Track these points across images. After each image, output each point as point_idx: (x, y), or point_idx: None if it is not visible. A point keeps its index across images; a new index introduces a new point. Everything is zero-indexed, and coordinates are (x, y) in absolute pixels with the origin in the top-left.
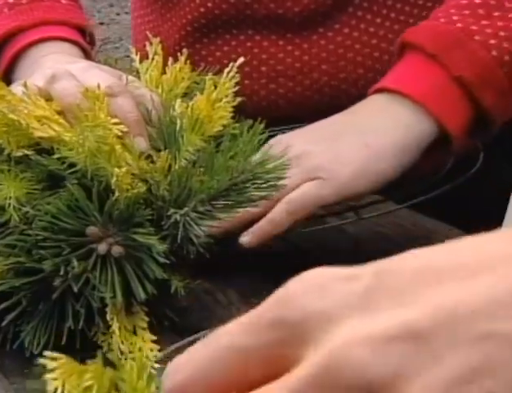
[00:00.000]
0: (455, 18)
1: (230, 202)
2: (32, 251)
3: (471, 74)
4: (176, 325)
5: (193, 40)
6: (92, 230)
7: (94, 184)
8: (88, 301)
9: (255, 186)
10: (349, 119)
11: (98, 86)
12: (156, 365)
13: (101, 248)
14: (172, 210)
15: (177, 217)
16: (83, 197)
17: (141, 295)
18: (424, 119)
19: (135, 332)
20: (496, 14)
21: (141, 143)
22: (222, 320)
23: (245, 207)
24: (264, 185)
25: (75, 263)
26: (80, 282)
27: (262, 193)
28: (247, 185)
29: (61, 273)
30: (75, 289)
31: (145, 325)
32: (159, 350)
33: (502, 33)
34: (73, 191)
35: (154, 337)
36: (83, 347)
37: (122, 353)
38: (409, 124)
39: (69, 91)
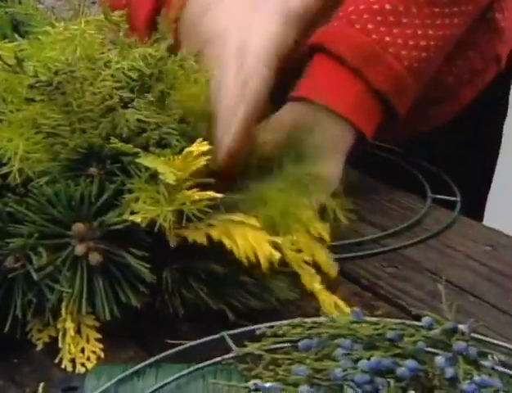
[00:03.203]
0: (369, 27)
1: None
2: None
3: (388, 86)
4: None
5: None
6: (78, 227)
7: (107, 187)
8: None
9: None
10: None
11: None
12: None
13: (79, 249)
14: None
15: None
16: (90, 194)
17: (106, 316)
18: (348, 131)
19: (79, 331)
20: (405, 21)
21: None
22: None
23: None
24: None
25: (43, 252)
26: (42, 273)
27: None
28: None
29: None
30: (35, 277)
31: (91, 323)
32: (103, 350)
33: (411, 42)
34: (86, 184)
35: (99, 336)
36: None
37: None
38: (335, 136)
39: None
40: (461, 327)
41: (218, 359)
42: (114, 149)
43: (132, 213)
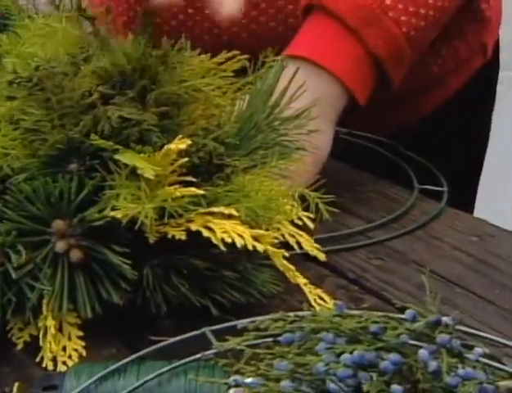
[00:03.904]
0: None
1: None
2: None
3: (385, 51)
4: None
5: None
6: (58, 224)
7: (87, 183)
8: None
9: None
10: None
11: None
12: None
13: (59, 246)
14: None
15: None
16: (70, 190)
17: (88, 314)
18: (341, 93)
19: (61, 329)
20: None
21: None
22: None
23: None
24: None
25: (22, 250)
26: (22, 271)
27: None
28: None
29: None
30: (14, 276)
31: (73, 321)
32: (85, 348)
33: (411, 9)
34: (65, 181)
35: (81, 333)
36: None
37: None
38: (328, 95)
39: None
40: (445, 319)
41: (198, 355)
42: (93, 146)
43: (113, 209)
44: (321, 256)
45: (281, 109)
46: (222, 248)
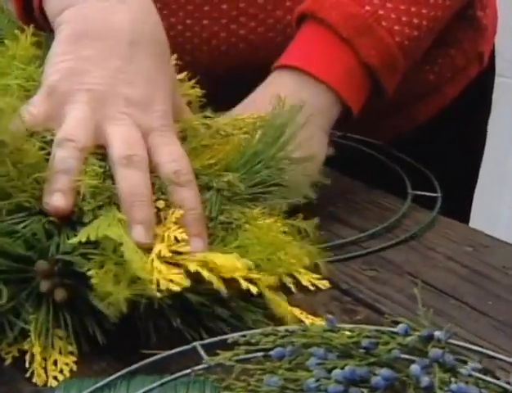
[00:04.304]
0: None
1: None
2: None
3: (378, 61)
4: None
5: None
6: (41, 264)
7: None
8: None
9: None
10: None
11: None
12: None
13: (44, 285)
14: None
15: None
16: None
17: (73, 350)
18: (334, 102)
19: (52, 343)
20: None
21: (199, 244)
22: None
23: None
24: None
25: (3, 289)
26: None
27: None
28: None
29: None
30: None
31: (62, 334)
32: (76, 363)
33: (404, 18)
34: (42, 223)
35: (72, 349)
36: None
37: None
38: (323, 106)
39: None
40: (437, 333)
41: (188, 370)
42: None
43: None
44: (322, 285)
45: (290, 148)
46: (224, 291)
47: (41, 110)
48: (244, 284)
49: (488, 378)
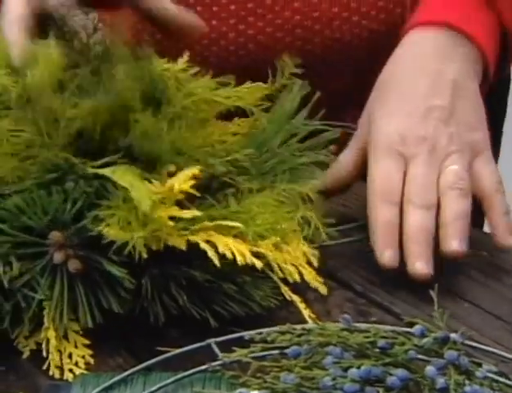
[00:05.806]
0: None
1: None
2: None
3: None
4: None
5: None
6: (55, 235)
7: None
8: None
9: None
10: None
11: None
12: None
13: (57, 257)
14: None
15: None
16: (66, 202)
17: (88, 323)
18: (480, 61)
19: (66, 336)
20: None
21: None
22: None
23: None
24: None
25: (14, 263)
26: (19, 283)
27: None
28: None
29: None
30: (6, 284)
31: (77, 328)
32: (92, 356)
33: None
34: (57, 192)
35: (88, 342)
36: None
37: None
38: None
39: None
40: (453, 336)
41: (204, 366)
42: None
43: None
44: (323, 290)
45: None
46: (216, 263)
47: None
48: (250, 258)
49: (504, 380)
